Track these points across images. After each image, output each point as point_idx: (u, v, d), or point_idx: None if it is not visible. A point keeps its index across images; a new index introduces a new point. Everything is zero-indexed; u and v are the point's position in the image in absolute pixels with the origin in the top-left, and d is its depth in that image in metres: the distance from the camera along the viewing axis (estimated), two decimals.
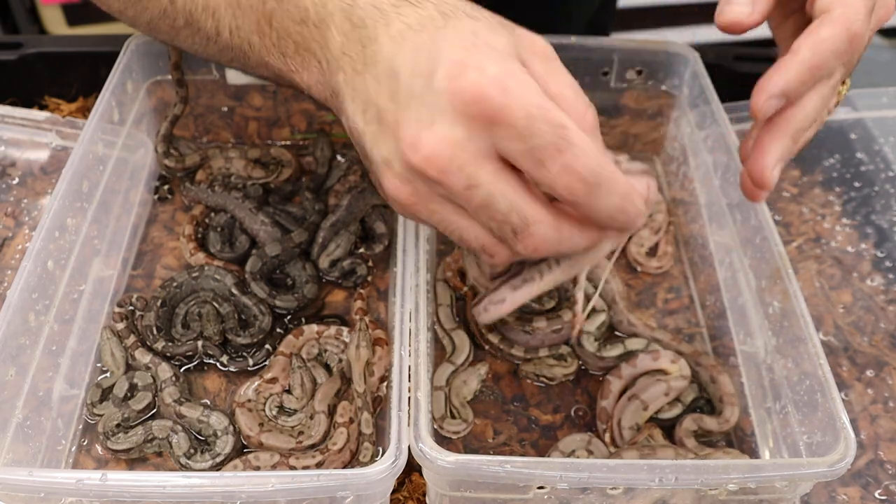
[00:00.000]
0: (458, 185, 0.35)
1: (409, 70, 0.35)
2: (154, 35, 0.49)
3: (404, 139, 0.35)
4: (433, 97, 0.34)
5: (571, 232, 0.37)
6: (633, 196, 0.36)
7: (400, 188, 0.37)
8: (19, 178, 0.64)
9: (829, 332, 0.56)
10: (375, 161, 0.37)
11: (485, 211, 0.36)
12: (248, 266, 0.56)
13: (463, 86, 0.34)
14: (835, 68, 0.39)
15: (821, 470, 0.39)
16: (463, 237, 0.38)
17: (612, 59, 0.63)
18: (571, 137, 0.34)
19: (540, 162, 0.34)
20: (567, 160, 0.34)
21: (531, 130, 0.34)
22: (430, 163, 0.35)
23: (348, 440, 0.47)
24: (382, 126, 0.36)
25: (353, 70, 0.37)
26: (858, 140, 0.66)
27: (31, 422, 0.45)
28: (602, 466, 0.39)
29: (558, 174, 0.34)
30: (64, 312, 0.50)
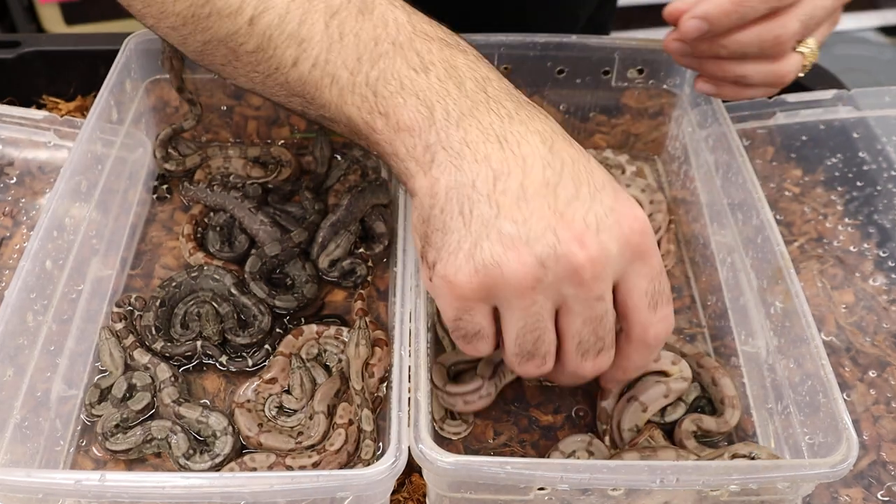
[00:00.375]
0: (594, 293, 0.37)
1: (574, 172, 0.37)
2: (203, 60, 0.43)
3: (571, 232, 0.36)
4: (601, 210, 0.37)
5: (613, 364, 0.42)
6: None
7: (528, 268, 0.36)
8: (17, 177, 0.64)
9: (831, 333, 0.56)
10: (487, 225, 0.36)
11: (595, 325, 0.38)
12: (248, 266, 0.56)
13: (634, 214, 0.37)
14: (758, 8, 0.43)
15: (823, 471, 0.39)
16: (540, 339, 0.38)
17: (613, 58, 0.63)
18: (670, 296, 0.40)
19: (656, 305, 0.39)
20: (667, 312, 0.40)
21: (662, 275, 0.39)
22: (591, 264, 0.36)
23: (346, 442, 0.47)
24: (529, 205, 0.36)
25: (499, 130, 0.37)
26: (861, 139, 0.66)
27: (30, 422, 0.45)
28: (603, 467, 0.39)
29: (659, 320, 0.39)
30: (62, 312, 0.50)
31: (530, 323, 0.38)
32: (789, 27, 0.45)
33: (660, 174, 0.68)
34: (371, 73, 0.38)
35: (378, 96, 0.38)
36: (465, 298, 0.38)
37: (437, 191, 0.37)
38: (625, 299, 0.39)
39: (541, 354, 0.39)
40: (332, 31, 0.39)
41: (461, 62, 0.39)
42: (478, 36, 0.60)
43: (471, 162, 0.37)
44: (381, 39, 0.38)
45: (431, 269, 0.38)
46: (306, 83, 0.40)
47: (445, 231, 0.37)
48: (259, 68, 0.41)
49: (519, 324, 0.38)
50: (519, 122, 0.38)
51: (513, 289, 0.36)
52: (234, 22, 0.40)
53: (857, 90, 0.66)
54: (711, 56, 0.49)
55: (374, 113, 0.39)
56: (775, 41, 0.45)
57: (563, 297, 0.37)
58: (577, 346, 0.39)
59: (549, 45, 0.62)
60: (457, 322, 0.39)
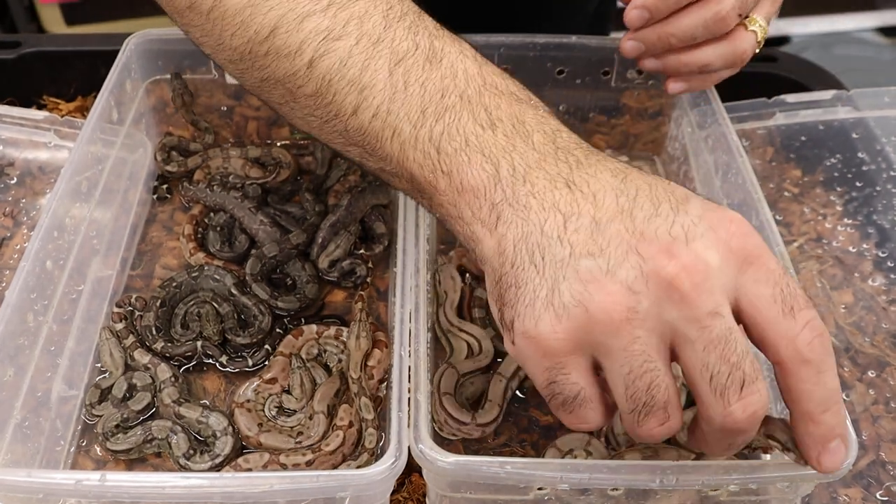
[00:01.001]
0: (704, 309, 0.30)
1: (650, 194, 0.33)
2: (261, 95, 0.41)
3: (655, 247, 0.31)
4: (687, 220, 0.32)
5: None
6: None
7: (616, 297, 0.30)
8: (17, 177, 0.64)
9: (831, 333, 0.56)
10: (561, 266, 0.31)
11: (719, 348, 0.30)
12: (248, 267, 0.56)
13: (730, 217, 0.32)
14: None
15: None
16: (654, 384, 0.31)
17: (613, 58, 0.63)
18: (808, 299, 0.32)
19: (791, 310, 0.31)
20: (811, 315, 0.32)
21: (786, 276, 0.32)
22: (687, 273, 0.30)
23: (343, 444, 0.47)
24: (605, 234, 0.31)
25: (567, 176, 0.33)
26: (860, 140, 0.66)
27: (30, 422, 0.45)
28: (602, 467, 0.39)
29: (805, 326, 0.31)
30: (63, 313, 0.50)
31: (637, 365, 0.31)
32: (725, 2, 0.46)
33: (659, 175, 0.68)
34: (435, 128, 0.35)
35: (441, 153, 0.35)
36: (553, 354, 0.32)
37: (504, 247, 0.33)
38: (753, 316, 0.32)
39: (660, 405, 0.32)
40: (395, 79, 0.36)
41: (530, 117, 0.36)
42: (478, 36, 0.60)
43: (538, 211, 0.33)
44: (449, 91, 0.35)
45: (511, 329, 0.33)
46: (366, 133, 0.37)
47: (519, 285, 0.33)
48: (317, 113, 0.38)
49: (624, 370, 0.31)
50: (588, 165, 0.34)
51: (605, 327, 0.31)
52: (292, 63, 0.37)
53: (857, 91, 0.66)
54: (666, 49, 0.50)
55: (436, 171, 0.35)
56: (716, 17, 0.46)
57: (669, 325, 0.31)
58: (711, 382, 0.31)
59: (549, 46, 0.62)
60: (551, 387, 0.33)
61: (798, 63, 0.72)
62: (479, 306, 0.56)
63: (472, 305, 0.56)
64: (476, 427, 0.48)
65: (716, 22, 0.47)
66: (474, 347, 0.53)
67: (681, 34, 0.48)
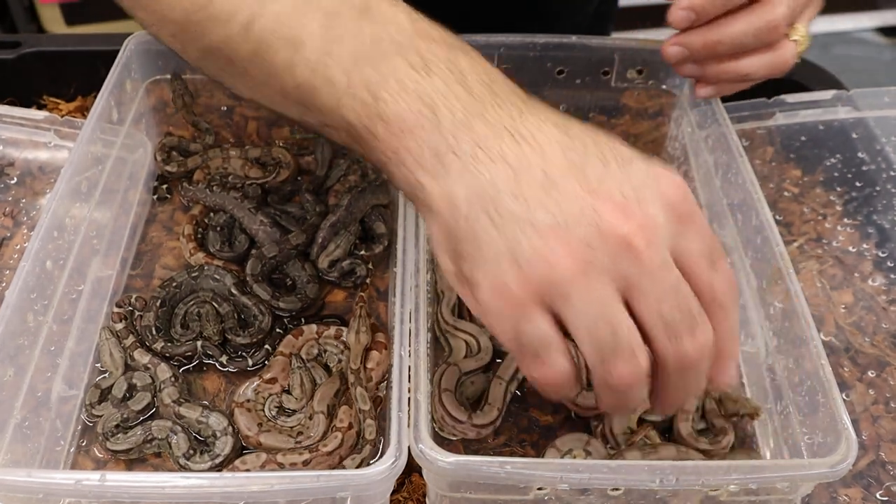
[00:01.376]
0: (656, 263, 0.33)
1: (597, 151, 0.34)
2: (204, 69, 0.42)
3: (610, 205, 0.33)
4: (636, 180, 0.34)
5: None
6: None
7: (576, 253, 0.32)
8: (17, 177, 0.64)
9: (831, 333, 0.56)
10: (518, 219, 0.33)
11: (673, 297, 0.34)
12: (248, 268, 0.56)
13: (671, 179, 0.35)
14: None
15: (822, 471, 0.39)
16: (617, 328, 0.33)
17: (613, 58, 0.63)
18: None
19: (713, 263, 0.35)
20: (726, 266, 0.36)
21: (710, 231, 0.36)
22: (642, 232, 0.33)
23: (341, 446, 0.47)
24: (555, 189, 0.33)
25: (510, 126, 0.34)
26: (860, 140, 0.66)
27: (30, 422, 0.45)
28: (603, 467, 0.39)
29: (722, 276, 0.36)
30: (62, 313, 0.50)
31: (596, 311, 0.33)
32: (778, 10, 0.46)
33: None
34: (370, 76, 0.36)
35: (378, 100, 0.36)
36: (519, 304, 0.33)
37: (455, 201, 0.34)
38: (683, 266, 0.35)
39: (625, 347, 0.33)
40: (328, 33, 0.37)
41: (465, 62, 0.36)
42: (478, 36, 0.60)
43: (486, 163, 0.34)
44: (381, 40, 0.36)
45: (475, 286, 0.34)
46: (302, 88, 0.37)
47: (477, 239, 0.34)
48: (254, 73, 0.39)
49: (586, 317, 0.33)
50: (530, 115, 0.35)
51: (565, 279, 0.33)
52: (228, 28, 0.38)
53: (857, 90, 0.66)
54: (711, 57, 0.49)
55: (373, 118, 0.36)
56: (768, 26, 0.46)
57: (624, 278, 0.33)
58: (665, 328, 0.34)
59: (549, 46, 0.62)
60: (520, 339, 0.34)
61: (798, 63, 0.71)
62: None
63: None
64: (472, 427, 0.48)
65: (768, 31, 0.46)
66: (472, 346, 0.53)
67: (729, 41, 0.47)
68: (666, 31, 0.53)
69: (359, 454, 0.47)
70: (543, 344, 0.34)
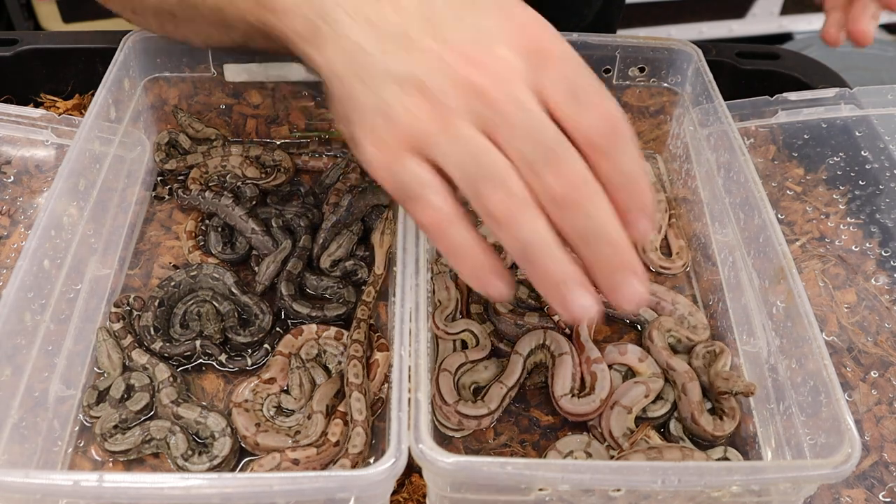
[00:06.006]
0: (506, 100, 0.34)
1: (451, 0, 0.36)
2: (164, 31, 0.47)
3: (460, 55, 0.35)
4: (487, 23, 0.35)
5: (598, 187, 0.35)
6: None
7: (433, 103, 0.35)
8: (14, 176, 0.64)
9: (833, 332, 0.56)
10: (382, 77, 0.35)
11: (524, 131, 0.34)
12: (284, 290, 0.55)
13: (521, 19, 0.36)
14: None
15: (825, 472, 0.38)
16: (483, 157, 0.35)
17: (615, 56, 0.62)
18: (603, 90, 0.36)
19: (579, 100, 0.35)
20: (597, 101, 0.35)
21: (580, 68, 0.36)
22: (492, 79, 0.34)
23: (342, 434, 0.46)
24: (409, 42, 0.35)
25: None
26: (863, 138, 0.66)
27: (27, 423, 0.45)
28: (604, 468, 0.39)
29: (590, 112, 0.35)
30: (60, 312, 0.49)
31: (461, 149, 0.35)
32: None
33: (661, 173, 0.68)
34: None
35: None
36: (392, 151, 0.36)
37: (335, 69, 0.37)
38: (548, 107, 0.35)
39: (491, 172, 0.35)
40: None
41: None
42: None
43: (349, 25, 0.37)
44: None
45: (358, 144, 0.37)
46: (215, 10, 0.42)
47: (353, 98, 0.37)
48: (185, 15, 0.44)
49: (454, 155, 0.35)
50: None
51: (428, 124, 0.35)
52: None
53: (860, 88, 0.65)
54: None
55: (263, 12, 0.40)
56: None
57: (480, 117, 0.35)
58: (526, 166, 0.35)
59: None
60: (399, 185, 0.37)
61: (801, 60, 0.71)
62: (477, 302, 0.56)
63: (469, 301, 0.56)
64: (455, 413, 0.48)
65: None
66: (470, 343, 0.53)
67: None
68: (669, 27, 0.52)
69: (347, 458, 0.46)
70: (419, 184, 0.36)
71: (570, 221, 0.35)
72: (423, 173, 0.36)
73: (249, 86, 0.65)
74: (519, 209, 0.35)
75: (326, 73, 0.38)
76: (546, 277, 0.35)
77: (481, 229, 0.37)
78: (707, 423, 0.49)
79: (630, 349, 0.52)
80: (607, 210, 0.35)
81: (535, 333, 0.53)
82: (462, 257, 0.37)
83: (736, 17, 1.65)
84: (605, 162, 0.35)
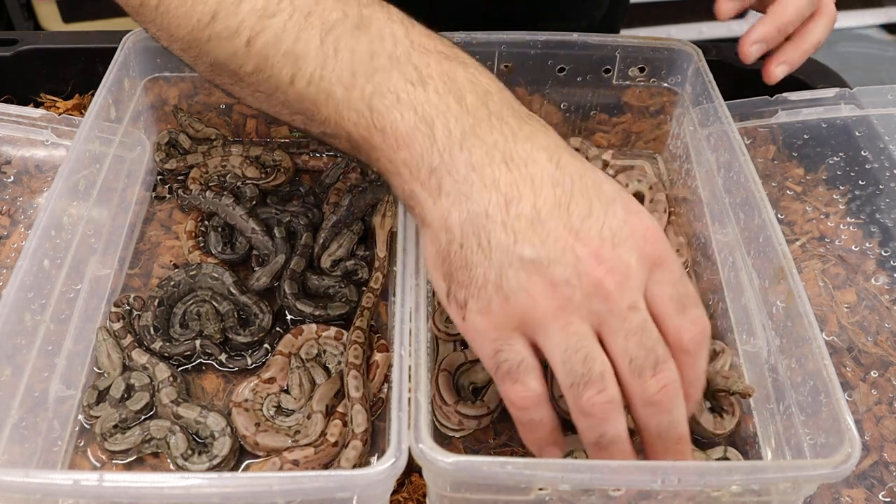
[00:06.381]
0: (625, 304, 0.36)
1: (583, 187, 0.37)
2: (214, 81, 0.44)
3: (588, 249, 0.36)
4: (614, 222, 0.37)
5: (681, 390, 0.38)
6: None
7: (555, 289, 0.36)
8: (14, 175, 0.64)
9: (833, 332, 0.56)
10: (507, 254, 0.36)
11: (636, 336, 0.37)
12: (287, 289, 0.55)
13: (644, 222, 0.38)
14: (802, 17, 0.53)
15: (825, 471, 0.38)
16: (589, 358, 0.37)
17: (615, 56, 0.62)
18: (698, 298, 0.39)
19: (683, 309, 0.38)
20: (698, 314, 0.38)
21: (683, 278, 0.38)
22: (612, 275, 0.36)
23: (341, 434, 0.47)
24: (545, 227, 0.36)
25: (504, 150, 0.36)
26: (863, 138, 0.66)
27: (27, 422, 0.45)
28: (604, 468, 0.39)
29: (691, 322, 0.38)
30: (60, 312, 0.49)
31: (573, 343, 0.37)
32: None
33: (661, 173, 0.68)
34: (366, 88, 0.38)
35: (374, 111, 0.38)
36: (501, 328, 0.37)
37: (451, 225, 0.37)
38: (653, 309, 0.38)
39: (596, 375, 0.37)
40: (326, 47, 0.38)
41: (461, 75, 0.38)
42: (479, 34, 0.59)
43: (479, 189, 0.36)
44: (378, 54, 0.38)
45: (464, 308, 0.38)
46: (304, 100, 0.40)
47: (469, 267, 0.37)
48: (261, 88, 0.41)
49: (561, 346, 0.37)
50: (524, 139, 0.37)
51: (545, 312, 0.36)
52: (232, 44, 0.40)
53: (860, 88, 0.65)
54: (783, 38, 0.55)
55: (371, 129, 0.38)
56: None
57: (597, 315, 0.37)
58: (630, 364, 0.37)
59: (550, 44, 0.61)
60: (497, 357, 0.38)
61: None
62: None
63: None
64: (454, 413, 0.48)
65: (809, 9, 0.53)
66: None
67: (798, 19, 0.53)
68: (670, 27, 0.52)
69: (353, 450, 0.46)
70: (523, 367, 0.37)
71: (654, 420, 0.38)
72: (525, 355, 0.37)
73: None
74: (610, 412, 0.37)
75: (436, 225, 0.37)
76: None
77: None
78: (708, 423, 0.49)
79: None
80: (683, 411, 0.38)
81: None
82: (533, 432, 0.40)
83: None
84: (689, 364, 0.39)
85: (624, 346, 0.37)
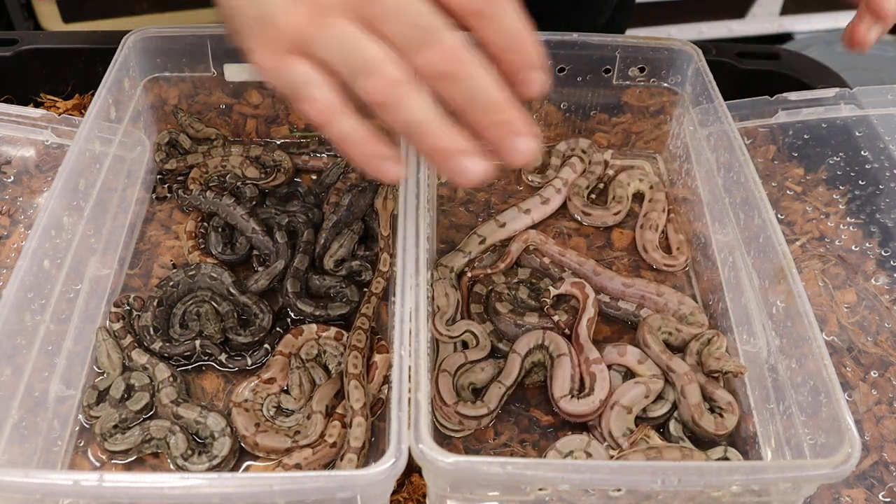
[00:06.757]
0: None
1: None
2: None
3: None
4: None
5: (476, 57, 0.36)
6: None
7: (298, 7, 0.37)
8: (14, 175, 0.64)
9: (833, 332, 0.56)
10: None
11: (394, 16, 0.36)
12: (290, 287, 0.55)
13: None
14: None
15: (825, 471, 0.38)
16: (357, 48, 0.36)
17: (615, 56, 0.62)
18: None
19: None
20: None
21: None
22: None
23: (341, 435, 0.47)
24: None
25: None
26: (863, 138, 0.66)
27: (27, 423, 0.45)
28: (604, 468, 0.39)
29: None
30: (60, 312, 0.49)
31: (339, 42, 0.37)
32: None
33: (661, 173, 0.68)
34: None
35: None
36: (278, 54, 0.38)
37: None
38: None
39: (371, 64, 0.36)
40: None
41: None
42: None
43: None
44: None
45: (251, 55, 0.39)
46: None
47: (240, 17, 0.39)
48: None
49: (334, 49, 0.37)
50: None
51: (305, 23, 0.37)
52: None
53: (860, 88, 0.65)
54: None
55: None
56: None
57: (358, 12, 0.37)
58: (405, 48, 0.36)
59: (550, 43, 0.61)
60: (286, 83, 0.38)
61: (801, 60, 0.71)
62: (477, 302, 0.56)
63: (469, 302, 0.56)
64: (455, 414, 0.48)
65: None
66: (471, 343, 0.53)
67: None
68: (667, 29, 0.52)
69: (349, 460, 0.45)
70: (304, 82, 0.38)
71: (452, 92, 0.37)
72: (307, 71, 0.38)
73: (249, 86, 0.65)
74: (396, 91, 0.36)
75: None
76: (433, 152, 0.37)
77: None
78: (708, 424, 0.49)
79: (629, 350, 0.52)
80: (487, 77, 0.36)
81: (534, 333, 0.53)
82: (351, 145, 0.39)
83: (736, 17, 1.65)
84: (486, 25, 0.37)
85: (390, 29, 0.36)
